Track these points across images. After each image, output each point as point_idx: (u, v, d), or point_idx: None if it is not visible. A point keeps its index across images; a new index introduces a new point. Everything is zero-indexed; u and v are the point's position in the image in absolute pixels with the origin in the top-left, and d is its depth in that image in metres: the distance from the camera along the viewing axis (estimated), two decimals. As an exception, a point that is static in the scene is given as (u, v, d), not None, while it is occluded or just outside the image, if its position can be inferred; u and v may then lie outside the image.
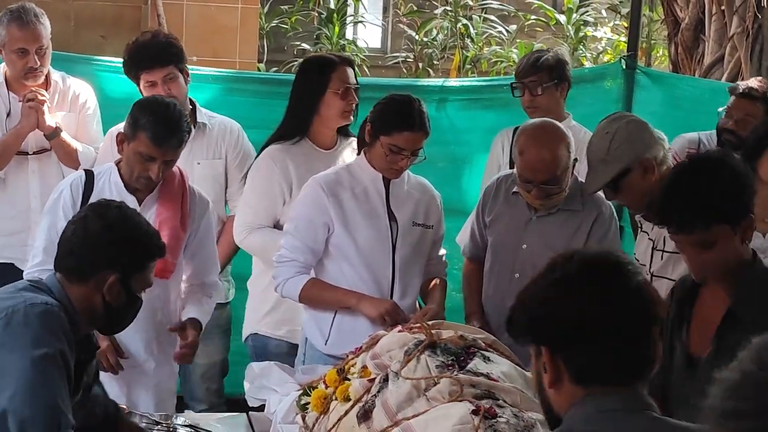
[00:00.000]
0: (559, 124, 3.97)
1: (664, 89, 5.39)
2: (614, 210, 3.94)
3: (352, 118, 4.33)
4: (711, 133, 4.69)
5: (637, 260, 3.66)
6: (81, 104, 4.78)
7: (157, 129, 3.70)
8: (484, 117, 5.38)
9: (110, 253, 2.91)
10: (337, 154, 4.35)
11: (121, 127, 4.39)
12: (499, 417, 2.86)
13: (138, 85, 4.52)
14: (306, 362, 4.03)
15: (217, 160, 4.61)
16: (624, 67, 5.35)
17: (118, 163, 3.86)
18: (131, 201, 3.70)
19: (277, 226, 4.27)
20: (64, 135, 4.61)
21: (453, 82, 6.70)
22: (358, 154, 4.03)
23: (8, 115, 4.67)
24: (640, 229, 3.75)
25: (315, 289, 3.92)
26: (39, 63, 4.60)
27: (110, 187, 3.80)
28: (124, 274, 2.92)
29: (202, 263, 4.00)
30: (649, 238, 3.64)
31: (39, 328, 2.71)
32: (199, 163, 4.56)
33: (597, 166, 3.62)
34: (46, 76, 4.69)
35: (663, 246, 3.59)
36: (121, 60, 4.65)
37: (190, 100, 4.62)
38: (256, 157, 4.43)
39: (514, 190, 4.02)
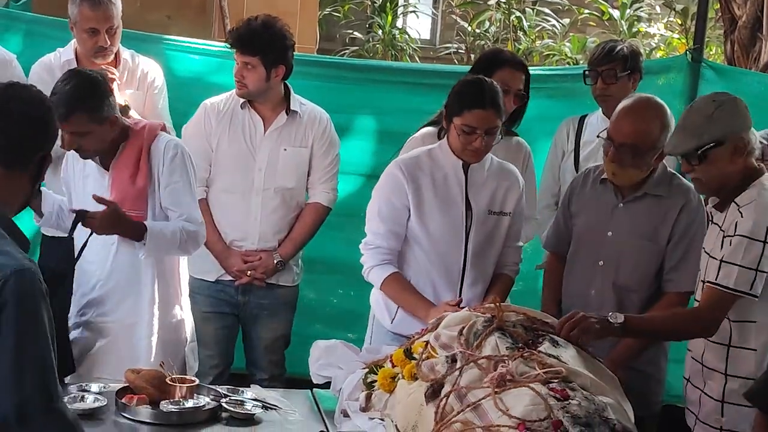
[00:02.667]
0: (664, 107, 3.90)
1: (728, 84, 5.33)
2: (702, 200, 3.90)
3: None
4: (765, 132, 4.66)
5: (707, 253, 3.64)
6: (149, 82, 4.84)
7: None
8: (548, 106, 5.36)
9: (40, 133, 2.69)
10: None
11: (215, 100, 4.65)
12: (571, 399, 2.87)
13: None
14: (373, 338, 4.09)
15: (302, 149, 4.68)
16: (690, 60, 5.31)
17: None
18: (98, 169, 3.97)
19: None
20: (133, 113, 4.66)
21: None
22: (439, 139, 4.04)
23: (78, 91, 4.71)
24: (710, 221, 3.72)
25: (393, 288, 3.95)
26: (109, 42, 4.65)
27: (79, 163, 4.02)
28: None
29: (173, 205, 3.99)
30: (720, 229, 3.61)
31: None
32: (285, 150, 4.64)
33: (691, 129, 3.54)
34: (115, 54, 4.74)
35: (734, 232, 3.54)
36: (188, 41, 4.70)
37: (285, 85, 4.68)
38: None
39: (602, 177, 4.01)
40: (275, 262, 4.64)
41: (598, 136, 4.02)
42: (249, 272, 4.60)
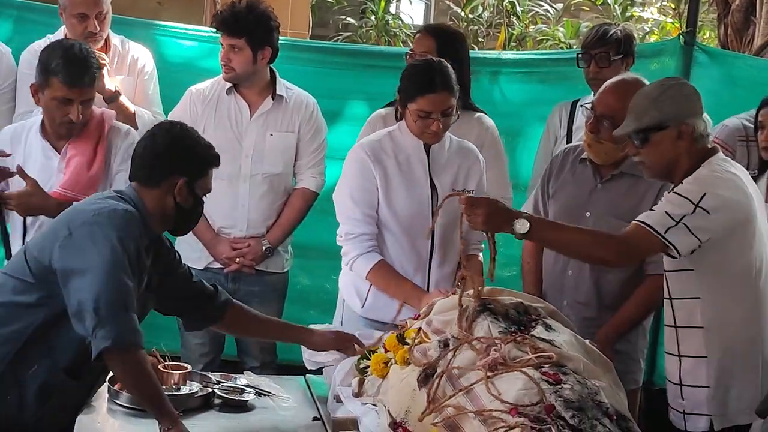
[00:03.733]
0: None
1: (721, 67, 5.32)
2: None
3: None
4: (750, 113, 4.65)
5: None
6: (140, 68, 4.82)
7: (69, 70, 3.86)
8: (540, 90, 5.36)
9: (177, 160, 3.34)
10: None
11: (201, 87, 4.56)
12: (564, 383, 2.86)
13: None
14: (343, 323, 4.08)
15: (289, 134, 4.66)
16: (682, 43, 5.30)
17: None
18: (50, 149, 4.02)
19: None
20: (123, 98, 4.64)
21: (508, 54, 6.67)
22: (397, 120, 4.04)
23: (69, 77, 4.70)
24: None
25: (381, 276, 3.93)
26: (99, 28, 4.62)
27: (36, 139, 4.02)
28: (190, 178, 3.34)
29: None
30: None
31: (120, 227, 3.14)
32: (271, 135, 4.63)
33: (637, 111, 3.53)
34: (105, 39, 4.72)
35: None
36: (179, 27, 4.67)
37: (271, 70, 4.67)
38: None
39: (582, 157, 4.01)
40: (264, 248, 4.62)
41: (581, 105, 4.02)
42: (238, 259, 4.59)
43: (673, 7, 11.19)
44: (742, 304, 3.52)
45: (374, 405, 3.31)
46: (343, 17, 11.37)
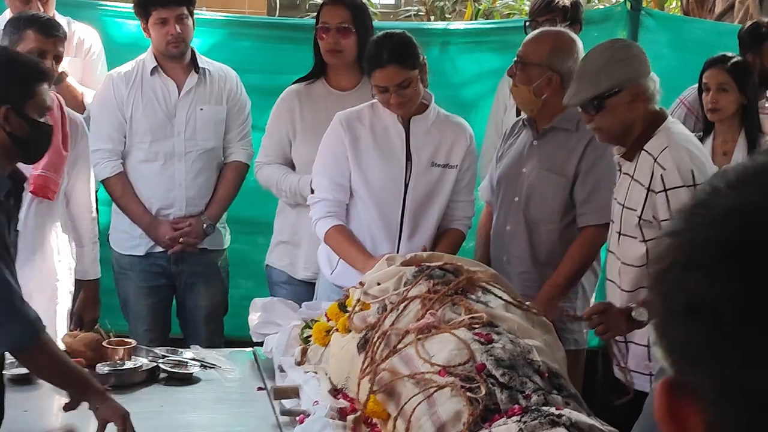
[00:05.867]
0: (575, 37, 4.04)
1: (669, 32, 5.35)
2: None
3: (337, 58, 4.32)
4: None
5: (619, 203, 3.64)
6: (86, 49, 4.81)
7: (42, 22, 3.93)
8: (490, 60, 5.36)
9: None
10: (358, 94, 4.29)
11: (120, 69, 4.49)
12: (495, 343, 2.88)
13: (145, 22, 4.50)
14: (319, 290, 4.14)
15: (219, 106, 4.64)
16: (629, 8, 5.32)
17: None
18: None
19: (290, 164, 4.38)
20: (70, 80, 4.64)
21: (457, 24, 6.66)
22: None
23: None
24: (620, 172, 3.70)
25: (335, 239, 3.95)
26: (42, 9, 4.58)
27: None
28: (14, 103, 3.01)
29: (77, 196, 4.21)
30: (632, 178, 3.59)
31: None
32: (201, 109, 4.59)
33: (587, 78, 3.54)
34: (51, 21, 4.70)
35: (664, 186, 3.53)
36: (126, 5, 4.67)
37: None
38: None
39: (524, 119, 4.06)
40: (204, 225, 4.59)
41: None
42: (181, 239, 4.56)
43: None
44: None
45: (315, 373, 3.33)
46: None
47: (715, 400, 0.83)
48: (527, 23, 4.86)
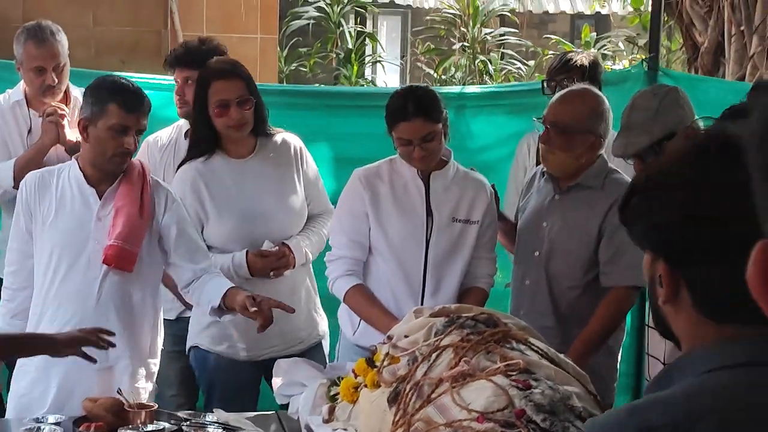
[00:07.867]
0: (601, 94, 3.97)
1: (687, 92, 5.32)
2: None
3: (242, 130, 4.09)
4: None
5: None
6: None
7: (127, 97, 3.68)
8: (506, 123, 5.34)
9: None
10: (259, 158, 4.13)
11: (159, 134, 4.48)
12: (534, 389, 2.79)
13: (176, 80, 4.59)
14: (340, 351, 4.04)
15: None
16: (646, 69, 5.31)
17: (78, 159, 3.82)
18: (91, 194, 3.72)
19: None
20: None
21: (472, 88, 6.66)
22: None
23: (29, 131, 4.65)
24: None
25: (355, 300, 3.89)
26: (57, 80, 4.58)
27: (70, 183, 3.74)
28: None
29: (191, 251, 3.83)
30: None
31: None
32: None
33: (640, 127, 3.51)
34: (65, 91, 4.68)
35: None
36: (142, 76, 4.66)
37: None
38: None
39: (543, 170, 4.00)
40: None
41: (534, 119, 3.99)
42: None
43: (644, 57, 11.29)
44: None
45: (345, 429, 3.22)
46: (318, 85, 11.43)
47: None
48: (545, 83, 4.84)
